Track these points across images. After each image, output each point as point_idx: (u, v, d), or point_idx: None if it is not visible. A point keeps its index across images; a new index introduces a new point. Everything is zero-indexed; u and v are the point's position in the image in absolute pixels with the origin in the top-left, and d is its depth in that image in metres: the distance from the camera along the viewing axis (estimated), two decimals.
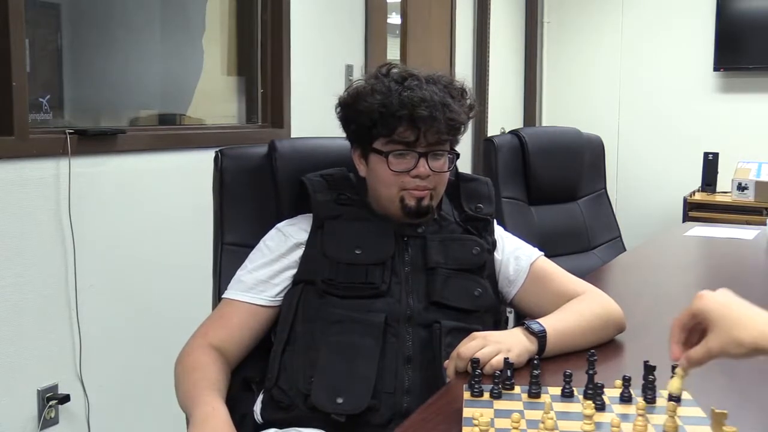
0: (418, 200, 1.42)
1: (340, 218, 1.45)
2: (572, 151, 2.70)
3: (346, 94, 1.47)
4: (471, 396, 1.14)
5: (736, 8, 4.87)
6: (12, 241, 2.03)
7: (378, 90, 1.40)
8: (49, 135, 2.15)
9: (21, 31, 2.01)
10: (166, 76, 2.82)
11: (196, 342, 1.41)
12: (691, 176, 4.90)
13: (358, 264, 1.40)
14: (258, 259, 1.47)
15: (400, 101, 1.37)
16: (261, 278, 1.44)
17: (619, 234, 2.84)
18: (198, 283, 1.89)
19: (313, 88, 3.18)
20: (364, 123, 1.42)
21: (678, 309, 1.04)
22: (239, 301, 1.44)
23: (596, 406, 1.08)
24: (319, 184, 1.49)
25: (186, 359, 1.38)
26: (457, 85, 1.46)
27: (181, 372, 1.37)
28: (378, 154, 1.42)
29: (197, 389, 1.31)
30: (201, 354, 1.38)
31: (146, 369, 2.40)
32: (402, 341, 1.36)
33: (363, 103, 1.41)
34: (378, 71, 1.46)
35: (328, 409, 1.29)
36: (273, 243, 1.48)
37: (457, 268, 1.43)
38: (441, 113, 1.37)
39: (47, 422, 2.12)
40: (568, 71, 5.44)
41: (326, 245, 1.42)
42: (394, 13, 3.96)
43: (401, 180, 1.41)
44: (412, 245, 1.44)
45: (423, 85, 1.40)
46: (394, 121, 1.38)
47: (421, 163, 1.40)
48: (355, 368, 1.32)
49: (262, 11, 3.02)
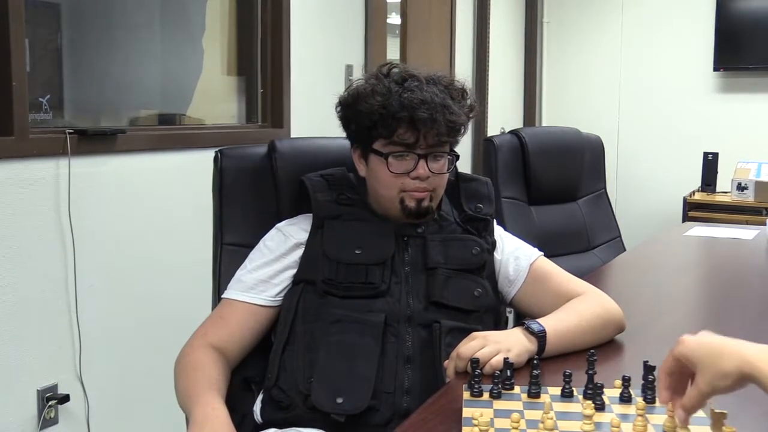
0: (418, 201, 1.42)
1: (340, 218, 1.45)
2: (572, 151, 2.71)
3: (347, 94, 1.47)
4: (471, 396, 1.14)
5: (736, 8, 4.87)
6: (12, 241, 2.03)
7: (378, 91, 1.40)
8: (49, 135, 2.15)
9: (21, 31, 2.01)
10: (166, 76, 2.82)
11: (196, 342, 1.41)
12: (690, 176, 4.90)
13: (358, 264, 1.39)
14: (258, 258, 1.47)
15: (400, 103, 1.37)
16: (261, 278, 1.44)
17: (618, 234, 2.84)
18: (198, 283, 1.89)
19: (313, 88, 3.18)
20: (364, 124, 1.42)
21: (678, 309, 1.04)
22: (239, 301, 1.43)
23: (596, 406, 1.08)
24: (320, 184, 1.49)
25: (185, 359, 1.38)
26: (458, 85, 1.46)
27: (180, 371, 1.37)
28: (378, 155, 1.42)
29: (197, 389, 1.31)
30: (201, 354, 1.38)
31: (146, 369, 2.40)
32: (402, 341, 1.36)
33: (363, 104, 1.41)
34: (378, 71, 1.46)
35: (328, 409, 1.29)
36: (273, 243, 1.48)
37: (457, 268, 1.43)
38: (441, 115, 1.37)
39: (47, 422, 2.12)
40: (568, 71, 5.44)
41: (326, 245, 1.42)
42: (394, 13, 3.96)
43: (401, 181, 1.41)
44: (412, 245, 1.44)
45: (423, 86, 1.40)
46: (394, 123, 1.38)
47: (421, 164, 1.40)
48: (355, 368, 1.32)
49: (262, 11, 3.02)
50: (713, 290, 2.10)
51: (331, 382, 1.32)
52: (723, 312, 1.79)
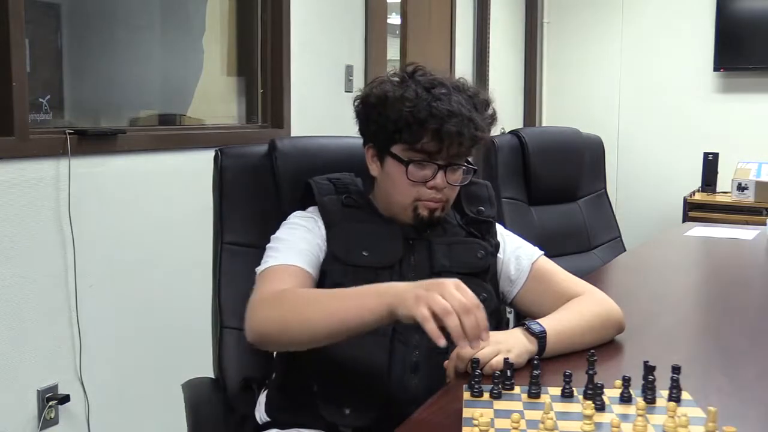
0: (431, 211, 1.41)
1: (346, 220, 1.43)
2: (572, 151, 2.71)
3: (371, 92, 1.43)
4: (471, 396, 1.14)
5: (736, 8, 4.87)
6: (12, 242, 2.03)
7: (407, 97, 1.36)
8: (49, 135, 2.14)
9: (21, 31, 2.01)
10: (166, 76, 2.82)
11: (269, 294, 1.27)
12: (691, 176, 4.91)
13: (366, 267, 1.38)
14: (292, 232, 1.41)
15: (429, 112, 1.34)
16: (302, 247, 1.39)
17: (619, 234, 2.84)
18: (198, 283, 1.89)
19: (313, 89, 3.18)
20: (387, 127, 1.39)
21: (678, 309, 1.04)
22: (292, 266, 1.34)
23: (596, 406, 1.08)
24: (327, 188, 1.47)
25: (281, 305, 1.24)
26: (482, 96, 1.44)
27: (291, 308, 1.23)
28: (397, 160, 1.40)
29: (336, 294, 1.22)
30: (286, 290, 1.28)
31: (146, 369, 2.40)
32: (409, 348, 1.34)
33: (391, 107, 1.37)
34: (404, 72, 1.43)
35: (334, 421, 1.29)
36: (305, 222, 1.43)
37: (462, 272, 1.42)
38: (467, 129, 1.35)
39: (47, 422, 2.12)
40: (568, 71, 5.44)
41: (334, 246, 1.40)
42: (394, 13, 3.96)
43: (417, 190, 1.39)
44: (417, 249, 1.43)
45: (451, 94, 1.37)
46: (421, 131, 1.35)
47: (440, 175, 1.39)
48: (363, 379, 1.31)
49: (262, 11, 3.02)
50: (713, 290, 2.10)
51: (338, 393, 1.31)
52: (723, 312, 1.79)
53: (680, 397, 1.11)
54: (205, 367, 1.57)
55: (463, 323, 1.07)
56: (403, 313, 1.11)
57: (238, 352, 1.51)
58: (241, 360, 1.51)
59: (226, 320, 1.52)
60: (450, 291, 1.10)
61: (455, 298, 1.09)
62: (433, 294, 1.09)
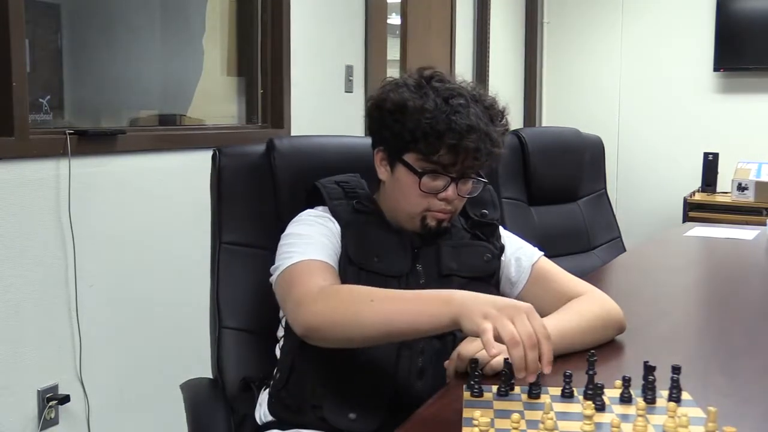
0: (439, 222, 1.40)
1: (358, 225, 1.42)
2: (572, 152, 2.71)
3: (388, 98, 1.40)
4: (471, 396, 1.14)
5: (736, 8, 4.87)
6: (12, 242, 2.03)
7: (427, 108, 1.34)
8: (49, 135, 2.14)
9: (21, 31, 2.01)
10: (166, 77, 2.82)
11: (319, 288, 1.25)
12: (691, 176, 4.91)
13: (378, 273, 1.37)
14: (312, 228, 1.39)
15: (448, 125, 1.32)
16: (326, 243, 1.37)
17: (619, 234, 2.84)
18: (198, 283, 1.89)
19: (313, 89, 3.18)
20: (403, 136, 1.37)
21: (678, 309, 1.04)
22: (323, 261, 1.32)
23: (596, 406, 1.08)
24: (335, 192, 1.45)
25: (335, 300, 1.22)
26: (498, 107, 1.43)
27: (348, 311, 1.20)
28: (410, 169, 1.38)
29: (392, 295, 1.20)
30: (340, 286, 1.27)
31: (146, 369, 2.40)
32: (415, 353, 1.34)
33: (409, 117, 1.35)
34: (421, 77, 1.40)
35: (340, 425, 1.28)
36: (321, 220, 1.42)
37: (471, 277, 1.42)
38: (484, 144, 1.34)
39: (47, 423, 2.12)
40: (568, 71, 5.44)
41: (350, 249, 1.38)
42: (394, 13, 3.96)
43: (428, 201, 1.38)
44: (423, 255, 1.42)
45: (469, 106, 1.35)
46: (438, 145, 1.34)
47: (451, 187, 1.38)
48: (369, 383, 1.31)
49: (262, 11, 3.02)
50: (713, 290, 2.10)
51: (343, 397, 1.30)
52: (723, 312, 1.79)
53: (680, 398, 1.11)
54: (205, 367, 1.57)
55: (527, 356, 1.06)
56: (467, 327, 1.10)
57: (237, 352, 1.51)
58: (240, 360, 1.51)
59: (225, 320, 1.51)
60: (521, 319, 1.08)
61: (525, 329, 1.07)
62: (503, 319, 1.07)
